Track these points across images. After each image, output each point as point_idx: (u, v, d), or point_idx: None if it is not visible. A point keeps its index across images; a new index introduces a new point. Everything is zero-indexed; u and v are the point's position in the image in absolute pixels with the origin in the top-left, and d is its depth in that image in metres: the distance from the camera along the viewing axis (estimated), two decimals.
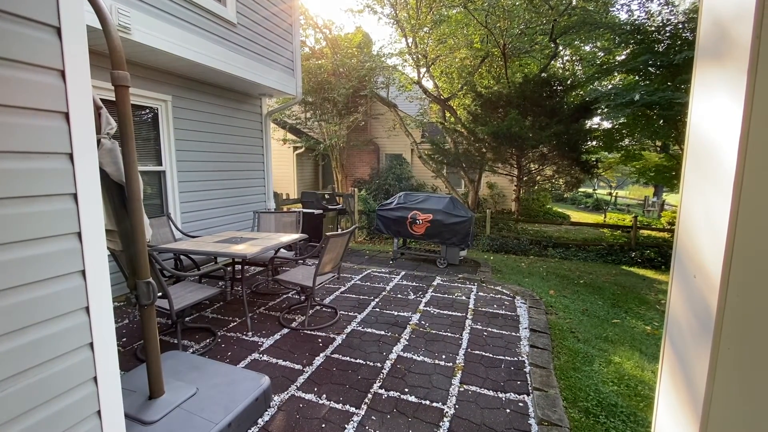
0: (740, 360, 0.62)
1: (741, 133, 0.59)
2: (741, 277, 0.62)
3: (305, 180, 16.17)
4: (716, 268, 0.64)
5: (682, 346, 0.74)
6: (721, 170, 0.63)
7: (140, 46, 3.77)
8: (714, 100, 0.67)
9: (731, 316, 0.63)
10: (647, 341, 3.87)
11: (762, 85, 0.56)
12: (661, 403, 0.82)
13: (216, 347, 3.27)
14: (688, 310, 0.73)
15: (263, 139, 6.65)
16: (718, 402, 0.65)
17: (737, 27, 0.60)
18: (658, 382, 0.83)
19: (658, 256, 8.48)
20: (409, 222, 6.56)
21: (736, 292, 0.62)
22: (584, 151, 9.70)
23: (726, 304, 0.63)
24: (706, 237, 0.67)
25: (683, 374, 0.73)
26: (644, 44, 8.34)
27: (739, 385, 0.63)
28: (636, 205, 22.85)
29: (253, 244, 3.80)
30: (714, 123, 0.66)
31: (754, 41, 0.57)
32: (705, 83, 0.70)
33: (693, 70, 0.75)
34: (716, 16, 0.67)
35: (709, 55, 0.69)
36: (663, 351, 0.81)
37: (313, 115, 14.27)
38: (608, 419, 2.49)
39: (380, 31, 59.76)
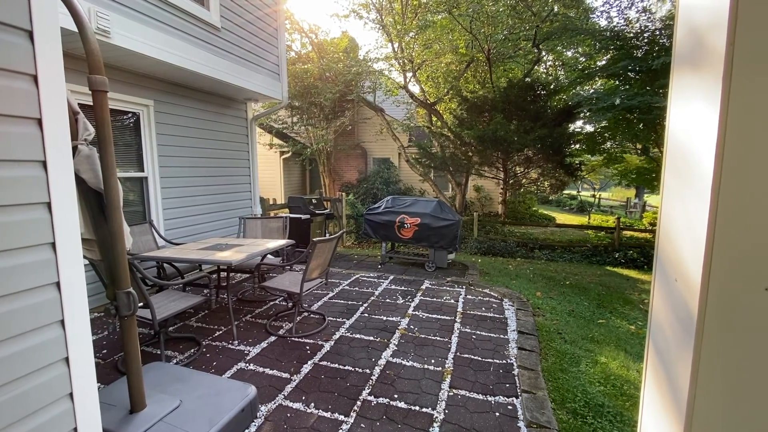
0: (721, 361, 0.63)
1: (717, 139, 0.60)
2: (721, 280, 0.62)
3: (292, 184, 16.05)
4: (696, 271, 0.65)
5: (665, 348, 0.75)
6: (699, 175, 0.64)
7: (120, 50, 3.70)
8: (691, 106, 0.68)
9: (712, 318, 0.63)
10: (632, 340, 3.93)
11: (737, 92, 0.58)
12: (646, 404, 0.82)
13: (201, 357, 3.19)
14: (670, 313, 0.74)
15: (249, 143, 6.58)
16: (701, 402, 0.65)
17: (712, 35, 0.61)
18: (643, 384, 0.83)
19: (641, 257, 8.67)
20: (397, 226, 6.56)
21: (716, 295, 0.63)
22: (568, 154, 9.88)
23: (707, 306, 0.64)
24: (685, 241, 0.68)
25: (666, 376, 0.74)
26: (623, 50, 8.57)
27: (721, 385, 0.64)
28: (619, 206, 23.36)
29: (238, 251, 3.74)
30: (691, 129, 0.67)
31: (728, 49, 0.58)
32: (682, 89, 0.72)
33: (670, 77, 0.76)
34: (692, 25, 0.68)
35: (685, 62, 0.71)
36: (647, 353, 0.82)
37: (300, 119, 14.21)
38: (595, 419, 2.51)
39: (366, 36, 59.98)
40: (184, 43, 4.37)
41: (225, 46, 5.12)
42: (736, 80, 0.58)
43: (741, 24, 0.57)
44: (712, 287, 0.63)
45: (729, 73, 0.58)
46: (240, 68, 5.37)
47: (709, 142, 0.61)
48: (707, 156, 0.62)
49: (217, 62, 4.88)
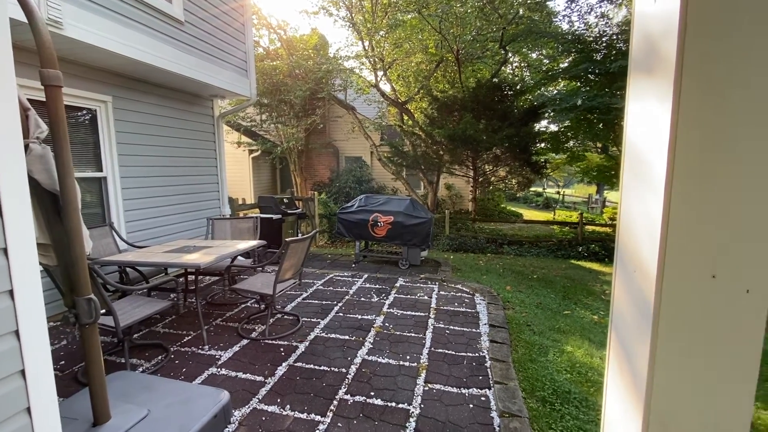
0: (676, 343, 0.69)
1: (669, 140, 0.65)
2: (674, 270, 0.68)
3: (262, 184, 15.70)
4: (652, 262, 0.70)
5: (625, 334, 0.80)
6: (654, 173, 0.69)
7: (74, 43, 3.48)
8: (645, 109, 0.73)
9: (667, 305, 0.69)
10: (595, 329, 4.15)
11: (686, 96, 0.63)
12: (609, 388, 0.88)
13: (169, 364, 3.07)
14: (630, 302, 0.79)
15: (216, 142, 6.37)
16: (658, 380, 0.70)
17: (664, 43, 0.66)
18: (606, 369, 0.89)
19: (602, 250, 9.13)
20: (371, 225, 6.57)
21: (670, 283, 0.68)
22: (534, 153, 10.24)
23: (662, 294, 0.69)
24: (642, 235, 0.73)
25: (627, 359, 0.79)
26: (584, 53, 8.98)
27: (676, 364, 0.69)
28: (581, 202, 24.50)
29: (207, 253, 3.63)
30: (646, 130, 0.72)
31: (678, 56, 0.63)
32: (637, 93, 0.77)
33: (627, 80, 0.82)
34: (646, 33, 0.73)
35: (640, 66, 0.76)
36: (609, 339, 0.87)
37: (269, 117, 13.91)
38: (563, 406, 2.63)
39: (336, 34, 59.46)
40: (144, 36, 4.17)
41: (189, 41, 4.92)
42: (686, 84, 0.63)
43: (690, 32, 0.61)
44: (666, 277, 0.68)
45: (679, 78, 0.63)
46: (205, 64, 5.19)
47: (662, 142, 0.66)
48: (660, 155, 0.67)
49: (180, 57, 4.69)
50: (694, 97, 0.62)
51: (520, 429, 2.37)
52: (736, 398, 0.68)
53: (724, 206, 0.64)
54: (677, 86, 0.63)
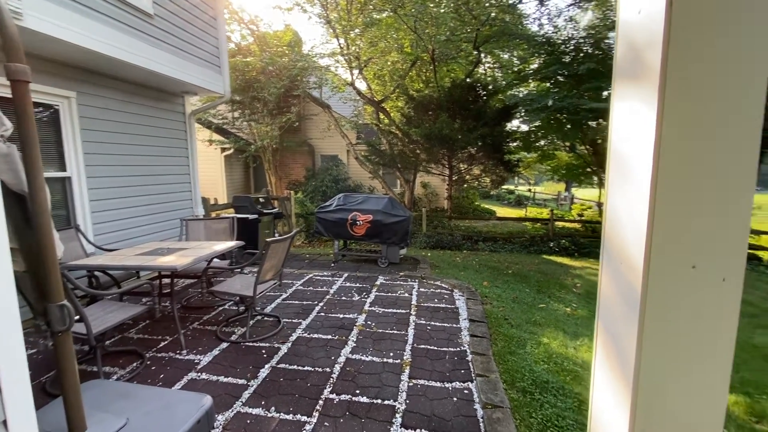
0: (661, 332, 0.74)
1: (655, 141, 0.70)
2: (658, 261, 0.73)
3: (235, 183, 15.31)
4: (639, 255, 0.75)
5: (612, 324, 0.86)
6: (640, 172, 0.74)
7: (34, 35, 3.27)
8: (630, 113, 0.78)
9: (652, 294, 0.74)
10: (568, 321, 4.33)
11: (670, 102, 0.68)
12: (597, 374, 0.93)
13: (145, 371, 2.96)
14: (616, 293, 0.84)
15: (188, 140, 6.17)
16: (645, 367, 0.76)
17: (649, 52, 0.71)
18: (594, 356, 0.94)
19: (572, 245, 9.52)
20: (350, 223, 6.56)
21: (654, 274, 0.74)
22: (507, 152, 10.52)
23: (648, 284, 0.74)
24: (628, 230, 0.79)
25: (615, 347, 0.84)
26: (554, 55, 9.31)
27: (661, 349, 0.75)
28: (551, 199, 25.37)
29: (183, 255, 3.51)
30: (632, 132, 0.78)
31: (662, 65, 0.68)
32: (622, 98, 0.82)
33: (612, 85, 0.87)
34: (630, 41, 0.78)
35: (625, 74, 0.81)
36: (596, 328, 0.93)
37: (242, 114, 13.58)
38: (542, 395, 2.74)
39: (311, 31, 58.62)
40: (110, 29, 3.97)
41: (159, 35, 4.74)
42: (669, 91, 0.68)
43: (673, 43, 0.67)
44: (651, 268, 0.74)
45: (663, 85, 0.68)
46: (176, 59, 5.01)
47: (647, 144, 0.72)
48: (646, 156, 0.72)
49: (149, 52, 4.51)
50: (677, 103, 0.68)
51: (503, 419, 2.45)
52: (714, 380, 0.74)
53: (702, 202, 0.70)
54: (661, 92, 0.69)
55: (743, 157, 0.68)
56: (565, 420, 2.48)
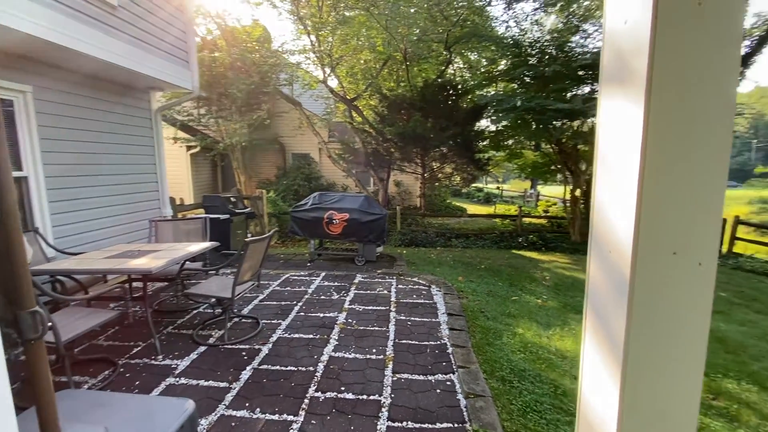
0: (648, 314, 0.82)
1: (642, 142, 0.77)
2: (644, 249, 0.81)
3: (202, 183, 14.78)
4: (627, 244, 0.83)
5: (602, 308, 0.94)
6: (629, 170, 0.81)
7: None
8: (618, 114, 0.86)
9: (639, 279, 0.82)
10: (540, 312, 4.53)
11: (656, 105, 0.75)
12: (587, 353, 1.01)
13: (119, 378, 2.83)
14: (606, 279, 0.92)
15: (154, 137, 5.91)
16: (633, 346, 0.84)
17: (636, 59, 0.78)
18: (582, 338, 1.02)
19: (539, 240, 9.93)
20: (326, 222, 6.52)
21: (641, 260, 0.81)
22: (477, 151, 10.80)
23: (636, 270, 0.82)
24: (617, 221, 0.86)
25: (604, 330, 0.92)
26: (521, 57, 9.64)
27: (647, 330, 0.83)
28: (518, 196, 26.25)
29: (156, 257, 3.38)
30: (620, 131, 0.85)
31: (648, 71, 0.75)
32: (610, 100, 0.90)
33: (599, 88, 0.94)
34: (617, 50, 0.86)
35: (612, 78, 0.88)
36: (585, 313, 1.01)
37: (209, 111, 13.11)
38: (520, 383, 2.87)
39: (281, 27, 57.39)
40: (69, 19, 3.74)
41: (123, 27, 4.50)
42: (655, 95, 0.75)
43: (658, 51, 0.74)
44: (639, 255, 0.81)
45: (650, 89, 0.76)
46: (141, 53, 4.78)
47: (636, 144, 0.79)
48: (635, 154, 0.79)
49: (113, 44, 4.28)
50: (662, 106, 0.75)
51: (485, 407, 2.55)
52: (694, 352, 0.83)
53: (682, 195, 0.79)
54: (648, 96, 0.76)
55: (717, 156, 0.77)
56: (543, 405, 2.62)
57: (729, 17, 0.75)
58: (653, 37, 0.74)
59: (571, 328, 4.02)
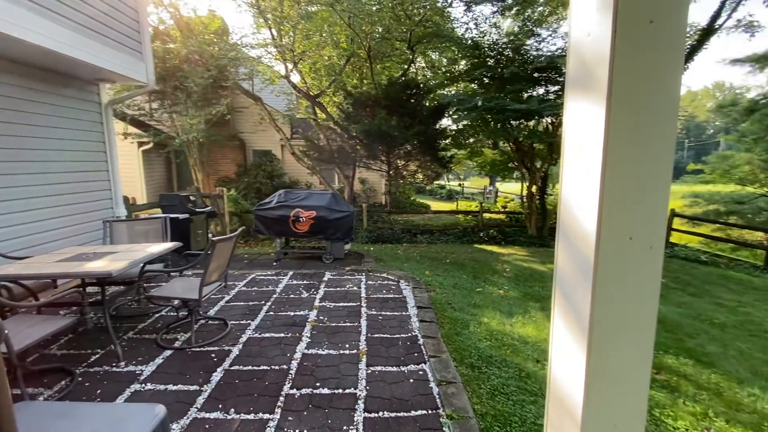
0: (609, 292, 0.94)
1: (604, 142, 0.88)
2: (606, 236, 0.92)
3: (155, 181, 14.00)
4: (592, 231, 0.94)
5: (569, 288, 1.05)
6: (592, 164, 0.92)
7: None
8: (583, 118, 0.97)
9: (601, 263, 0.93)
10: (503, 302, 4.78)
11: (615, 108, 0.86)
12: (556, 328, 1.12)
13: (78, 388, 2.67)
14: (572, 263, 1.03)
15: (105, 133, 5.54)
16: (597, 319, 0.95)
17: (598, 69, 0.89)
18: (552, 316, 1.13)
19: (499, 234, 10.37)
20: (292, 220, 6.44)
21: (603, 246, 0.93)
22: (440, 149, 11.07)
23: (599, 255, 0.93)
24: (583, 210, 0.97)
25: (571, 307, 1.03)
26: (480, 59, 9.99)
27: (608, 306, 0.95)
28: (478, 193, 27.16)
29: (114, 259, 3.21)
30: (584, 131, 0.96)
31: (609, 78, 0.86)
32: (575, 103, 1.00)
33: (565, 93, 1.05)
34: (581, 59, 0.96)
35: (577, 85, 0.99)
36: (554, 296, 1.12)
37: (161, 105, 12.41)
38: (488, 368, 3.04)
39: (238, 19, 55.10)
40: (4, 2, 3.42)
41: (68, 14, 4.18)
42: (615, 100, 0.86)
43: (617, 61, 0.85)
44: (601, 241, 0.93)
45: (610, 95, 0.86)
46: (89, 41, 4.46)
47: (598, 143, 0.90)
48: (597, 153, 0.90)
49: (55, 31, 3.96)
50: (620, 110, 0.87)
51: (457, 393, 2.68)
52: (647, 322, 0.96)
53: (637, 188, 0.91)
54: (608, 101, 0.87)
55: (665, 152, 0.89)
56: (509, 387, 2.79)
57: (675, 33, 0.87)
58: (613, 49, 0.85)
59: (531, 316, 4.28)
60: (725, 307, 5.15)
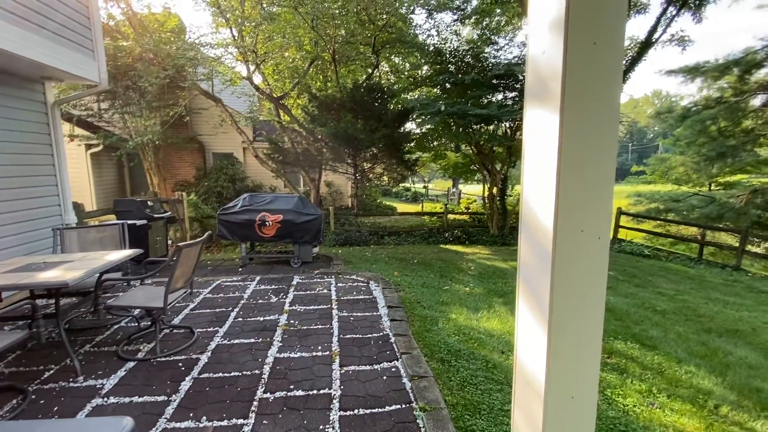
0: (566, 278, 1.06)
1: (558, 147, 1.01)
2: (561, 229, 1.05)
3: (106, 186, 13.15)
4: (549, 226, 1.06)
5: (531, 277, 1.17)
6: (549, 168, 1.05)
7: None
8: (540, 125, 1.09)
9: (558, 252, 1.06)
10: (469, 299, 4.97)
11: (567, 117, 0.99)
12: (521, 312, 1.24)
13: (32, 407, 2.50)
14: (534, 255, 1.15)
15: (51, 135, 5.18)
16: (556, 302, 1.08)
17: (552, 82, 1.01)
18: (517, 303, 1.25)
19: (463, 234, 10.72)
20: (258, 224, 6.33)
21: (559, 237, 1.05)
22: (406, 152, 11.26)
23: (556, 245, 1.05)
24: (542, 206, 1.10)
25: (533, 293, 1.15)
26: (442, 65, 10.31)
27: (564, 289, 1.07)
28: (442, 195, 27.80)
29: (69, 268, 3.03)
30: (541, 140, 1.08)
31: (562, 91, 0.99)
32: (533, 112, 1.13)
33: (524, 103, 1.17)
34: (538, 73, 1.09)
35: (534, 96, 1.12)
36: (518, 283, 1.24)
37: (112, 105, 11.71)
38: (457, 362, 3.17)
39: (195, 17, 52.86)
40: None
41: (10, 7, 3.90)
42: (566, 110, 0.99)
43: (568, 76, 0.98)
44: (558, 233, 1.05)
45: (563, 106, 0.99)
46: (28, 34, 4.16)
47: (553, 148, 1.02)
48: (553, 156, 1.03)
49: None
50: (571, 118, 0.99)
51: (429, 386, 2.79)
52: (596, 303, 1.10)
53: (586, 186, 1.04)
54: (561, 111, 0.99)
55: (608, 154, 1.03)
56: (478, 378, 2.94)
57: (614, 52, 1.02)
58: (564, 65, 0.98)
59: (496, 311, 4.50)
60: (665, 295, 5.67)
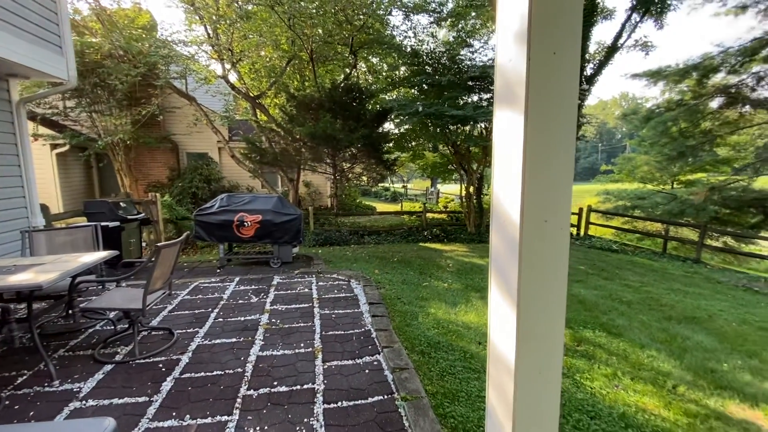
0: (532, 264, 1.18)
1: (523, 145, 1.12)
2: (527, 219, 1.16)
3: (73, 187, 12.63)
4: (516, 218, 1.17)
5: (501, 264, 1.28)
6: (515, 165, 1.15)
7: None
8: (507, 126, 1.20)
9: (525, 240, 1.17)
10: (448, 294, 5.12)
11: (531, 120, 1.10)
12: (493, 296, 1.35)
13: (6, 412, 2.44)
14: (504, 244, 1.26)
15: (17, 134, 4.98)
16: (524, 285, 1.19)
17: (517, 88, 1.12)
18: (489, 289, 1.36)
19: (442, 233, 10.93)
20: (236, 225, 6.27)
21: (526, 227, 1.16)
22: (385, 152, 11.37)
23: (522, 235, 1.16)
24: (510, 201, 1.20)
25: (504, 279, 1.26)
26: (419, 66, 10.46)
27: (531, 274, 1.19)
28: (420, 194, 28.10)
29: (41, 270, 2.95)
30: (508, 139, 1.19)
31: (526, 95, 1.10)
32: (502, 115, 1.24)
33: (494, 105, 1.28)
34: (505, 79, 1.20)
35: (503, 99, 1.22)
36: (490, 270, 1.35)
37: (79, 104, 11.27)
38: (437, 353, 3.29)
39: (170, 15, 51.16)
40: None
41: None
42: (530, 112, 1.10)
43: (531, 83, 1.09)
44: (524, 224, 1.16)
45: (527, 108, 1.10)
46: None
47: (519, 147, 1.13)
48: (519, 154, 1.14)
49: None
50: (534, 120, 1.11)
51: (410, 377, 2.89)
52: (559, 288, 1.22)
53: (549, 180, 1.15)
54: (526, 113, 1.11)
55: (567, 153, 1.15)
56: (456, 368, 3.06)
57: (572, 62, 1.13)
58: (528, 72, 1.09)
59: (473, 305, 4.65)
60: (631, 287, 6.00)
